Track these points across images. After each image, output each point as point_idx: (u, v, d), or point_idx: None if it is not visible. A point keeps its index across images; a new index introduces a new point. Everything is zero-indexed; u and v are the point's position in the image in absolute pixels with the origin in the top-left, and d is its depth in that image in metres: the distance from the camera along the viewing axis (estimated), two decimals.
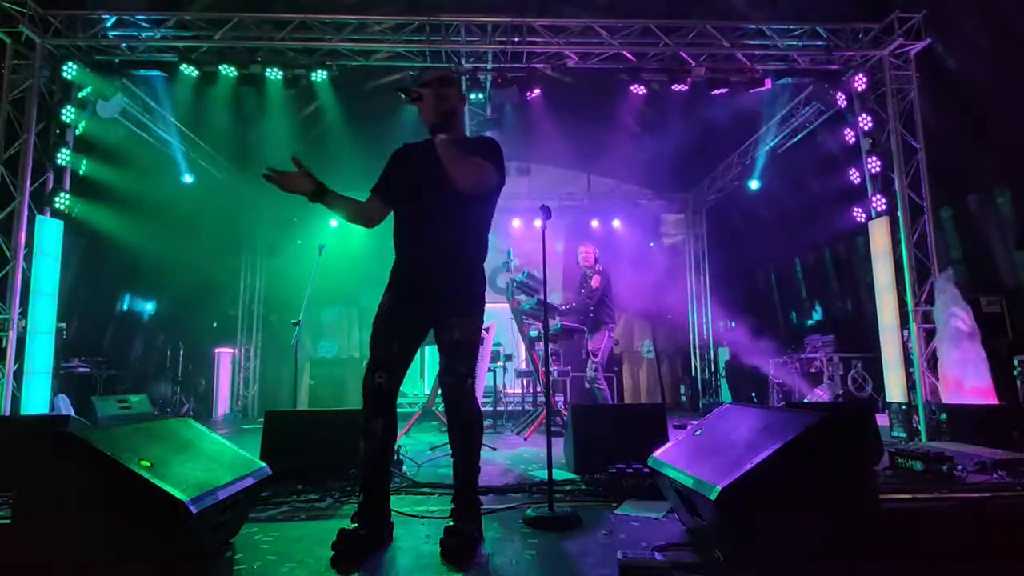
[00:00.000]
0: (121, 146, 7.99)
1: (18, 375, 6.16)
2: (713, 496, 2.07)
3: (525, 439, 6.16)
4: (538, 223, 3.14)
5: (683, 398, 11.82)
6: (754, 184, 9.89)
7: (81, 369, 7.95)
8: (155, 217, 8.64)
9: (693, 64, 7.00)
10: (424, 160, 2.61)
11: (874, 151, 6.85)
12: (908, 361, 6.51)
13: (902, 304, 6.58)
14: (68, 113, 6.65)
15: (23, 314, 6.26)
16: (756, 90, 7.07)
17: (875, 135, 6.84)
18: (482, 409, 2.73)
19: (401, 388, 2.60)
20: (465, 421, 2.55)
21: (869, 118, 6.87)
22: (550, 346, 6.51)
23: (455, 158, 2.46)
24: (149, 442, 2.25)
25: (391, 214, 2.72)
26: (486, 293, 2.71)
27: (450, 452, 2.57)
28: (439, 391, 6.53)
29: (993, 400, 5.81)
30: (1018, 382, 5.89)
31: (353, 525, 2.40)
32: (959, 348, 5.99)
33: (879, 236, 6.83)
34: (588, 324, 6.61)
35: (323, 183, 2.59)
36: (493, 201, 2.71)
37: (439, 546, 2.36)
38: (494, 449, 5.40)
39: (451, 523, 2.43)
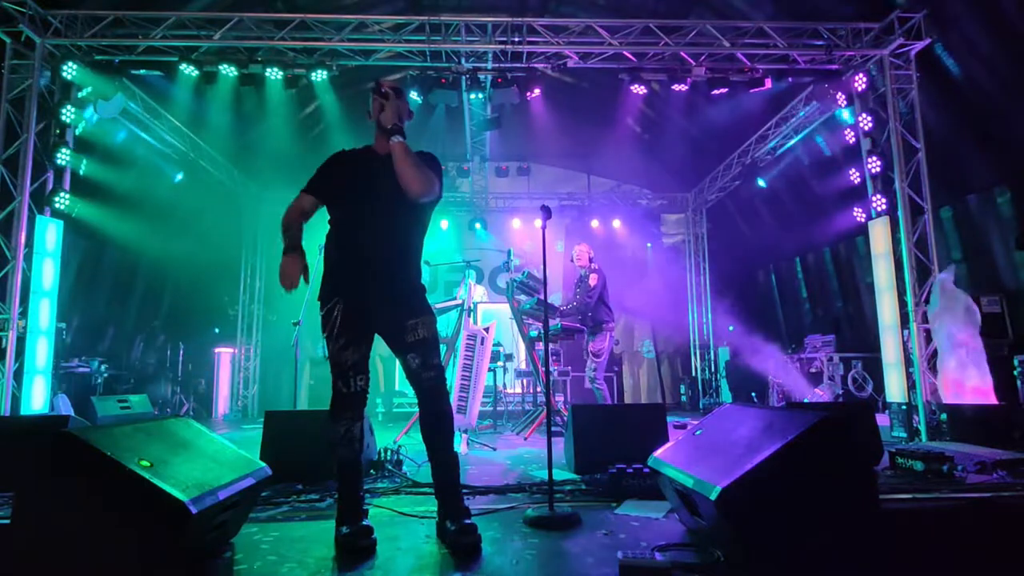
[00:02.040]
0: (121, 146, 7.99)
1: (18, 375, 6.16)
2: (713, 496, 2.07)
3: (525, 439, 6.16)
4: (538, 223, 3.14)
5: (683, 398, 11.82)
6: (754, 184, 9.89)
7: (81, 369, 7.95)
8: (155, 217, 8.64)
9: (693, 64, 7.00)
10: (374, 166, 2.65)
11: (874, 151, 6.84)
12: (908, 361, 6.51)
13: (902, 304, 6.57)
14: (68, 113, 6.65)
15: (23, 314, 6.25)
16: (756, 90, 7.06)
17: (875, 135, 6.84)
18: (482, 409, 2.78)
19: (401, 388, 2.63)
20: (446, 413, 2.61)
21: (869, 118, 6.87)
22: (550, 346, 6.51)
23: (413, 164, 2.54)
24: (149, 442, 2.25)
25: (327, 217, 2.71)
26: (487, 293, 2.74)
27: (430, 451, 2.58)
28: None
29: (993, 400, 5.81)
30: (1018, 382, 5.89)
31: (345, 529, 2.42)
32: (957, 349, 5.99)
33: (879, 236, 6.82)
34: (588, 325, 6.58)
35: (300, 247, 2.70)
36: (431, 213, 2.78)
37: (450, 546, 2.38)
38: (494, 449, 5.40)
39: (455, 521, 2.43)
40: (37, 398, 6.25)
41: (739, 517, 2.07)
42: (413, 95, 7.08)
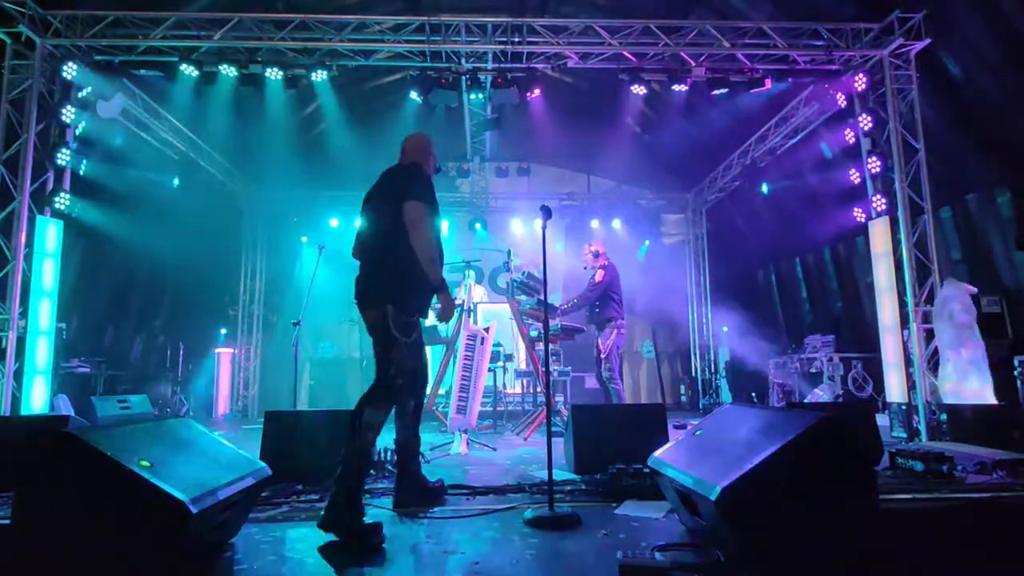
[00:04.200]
0: (121, 146, 7.99)
1: (18, 375, 6.16)
2: (713, 496, 2.07)
3: (525, 439, 6.16)
4: (538, 223, 3.15)
5: (683, 398, 11.82)
6: (755, 185, 9.89)
7: (81, 369, 7.95)
8: (155, 217, 8.64)
9: (693, 64, 6.99)
10: None
11: (874, 151, 6.84)
12: (908, 361, 6.51)
13: (902, 304, 6.57)
14: (68, 113, 6.64)
15: (23, 314, 6.25)
16: (756, 90, 7.06)
17: (875, 135, 6.84)
18: (482, 409, 3.12)
19: None
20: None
21: (869, 118, 6.87)
22: (550, 346, 6.50)
23: None
24: (149, 442, 2.25)
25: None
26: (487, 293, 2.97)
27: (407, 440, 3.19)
28: (438, 391, 6.55)
29: (993, 400, 5.81)
30: (1018, 382, 5.89)
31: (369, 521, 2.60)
32: (959, 346, 5.98)
33: (879, 236, 6.82)
34: (596, 322, 6.53)
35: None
36: None
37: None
38: (494, 449, 5.40)
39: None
40: (37, 398, 6.25)
41: (739, 517, 2.07)
42: (413, 95, 7.08)
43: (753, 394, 10.06)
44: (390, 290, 2.89)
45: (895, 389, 6.57)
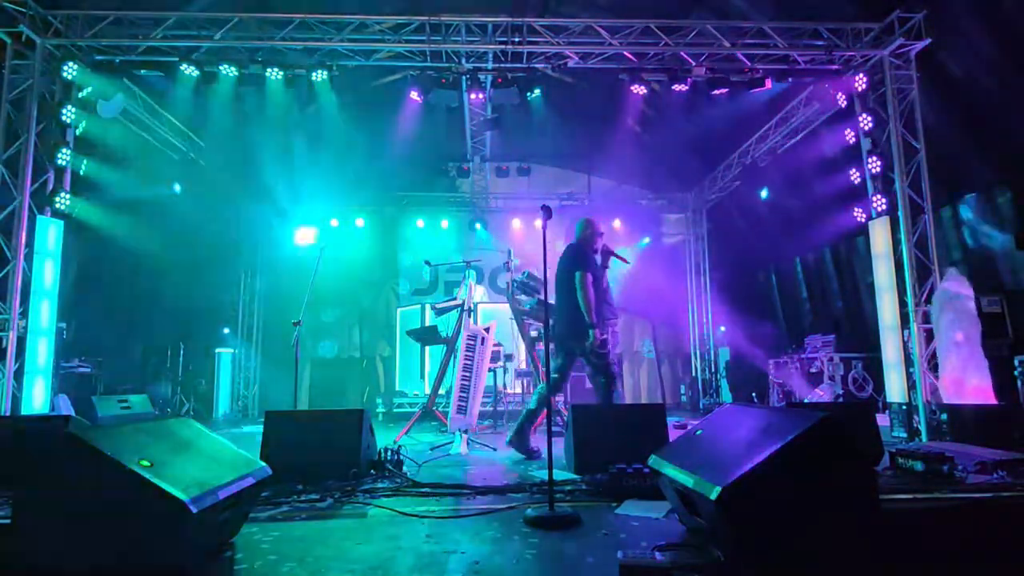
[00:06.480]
0: (121, 146, 7.98)
1: (18, 375, 6.16)
2: (713, 496, 2.07)
3: None
4: (538, 223, 3.15)
5: (683, 398, 11.82)
6: (754, 184, 9.89)
7: (81, 369, 7.94)
8: (155, 217, 8.63)
9: (693, 64, 6.99)
10: None
11: (874, 151, 6.84)
12: (908, 361, 6.51)
13: (902, 304, 6.57)
14: (68, 113, 6.63)
15: (23, 314, 6.25)
16: (756, 90, 7.06)
17: (875, 135, 6.84)
18: (482, 409, 3.04)
19: (401, 388, 2.66)
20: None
21: (869, 118, 6.87)
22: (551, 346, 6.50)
23: None
24: (149, 442, 2.25)
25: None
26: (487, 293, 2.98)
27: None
28: (438, 391, 6.55)
29: (993, 400, 5.81)
30: (1018, 382, 5.88)
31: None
32: (959, 347, 5.97)
33: (879, 236, 6.82)
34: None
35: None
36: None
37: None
38: (494, 449, 5.40)
39: None
40: (37, 398, 6.25)
41: (739, 517, 2.07)
42: (413, 95, 7.08)
43: (753, 394, 10.05)
44: (586, 323, 4.65)
45: (895, 389, 6.57)
